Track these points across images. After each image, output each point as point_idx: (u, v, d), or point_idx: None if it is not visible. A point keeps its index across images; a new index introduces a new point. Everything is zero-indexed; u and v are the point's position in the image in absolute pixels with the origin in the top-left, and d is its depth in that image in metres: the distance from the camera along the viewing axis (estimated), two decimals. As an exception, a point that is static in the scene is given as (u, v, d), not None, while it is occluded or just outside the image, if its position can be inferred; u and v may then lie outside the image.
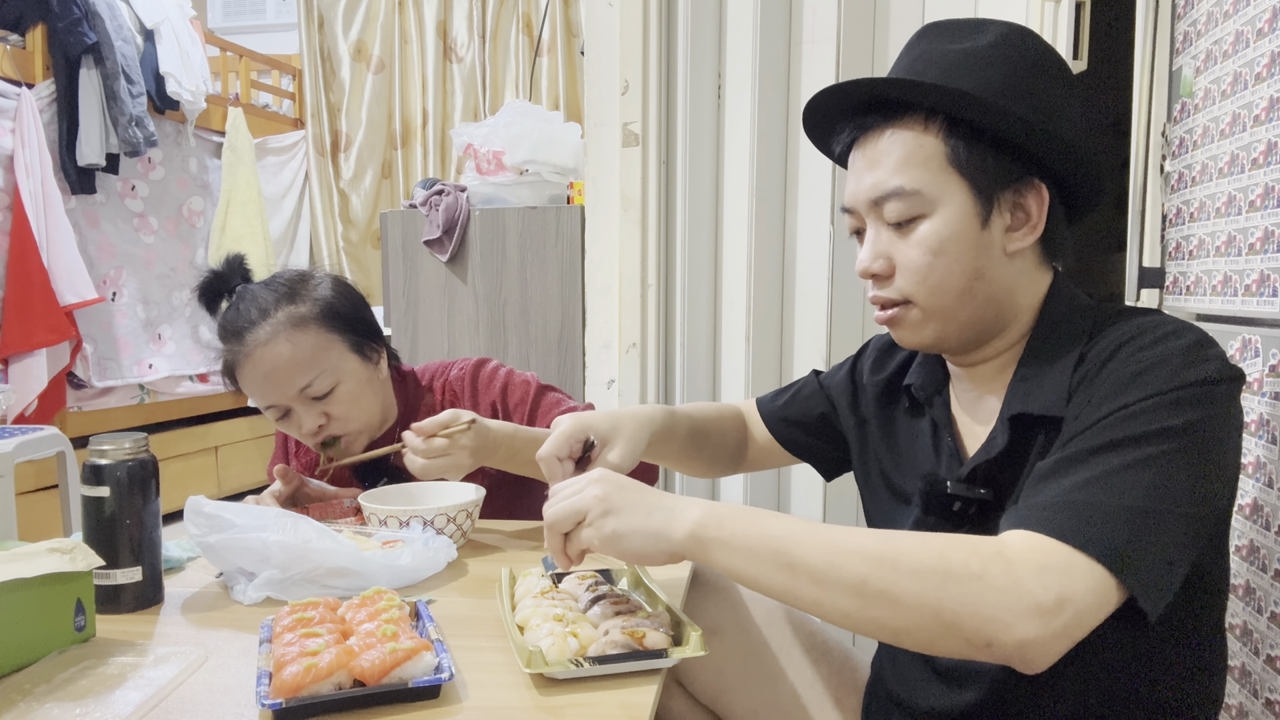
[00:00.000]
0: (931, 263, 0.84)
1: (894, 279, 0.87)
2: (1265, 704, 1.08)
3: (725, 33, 2.02)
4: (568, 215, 2.47)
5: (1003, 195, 0.84)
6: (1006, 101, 0.81)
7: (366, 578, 0.98)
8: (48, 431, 2.45)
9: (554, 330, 2.50)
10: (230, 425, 3.94)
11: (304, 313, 1.25)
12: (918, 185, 0.84)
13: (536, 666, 0.76)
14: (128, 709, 0.73)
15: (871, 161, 0.87)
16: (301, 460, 1.45)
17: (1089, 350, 0.82)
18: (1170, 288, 1.47)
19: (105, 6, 3.20)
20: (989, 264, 0.85)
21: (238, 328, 1.25)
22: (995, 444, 0.85)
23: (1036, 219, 0.85)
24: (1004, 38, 0.85)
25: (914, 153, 0.84)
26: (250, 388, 1.26)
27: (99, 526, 0.95)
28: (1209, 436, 0.74)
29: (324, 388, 1.24)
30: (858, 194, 0.88)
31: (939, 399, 0.96)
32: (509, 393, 1.38)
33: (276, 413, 1.27)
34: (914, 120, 0.84)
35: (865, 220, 0.89)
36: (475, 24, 4.23)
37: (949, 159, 0.83)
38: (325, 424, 1.27)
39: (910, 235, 0.85)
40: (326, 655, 0.74)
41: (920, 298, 0.86)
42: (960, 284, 0.84)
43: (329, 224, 4.43)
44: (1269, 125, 1.11)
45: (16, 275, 2.91)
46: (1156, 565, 0.70)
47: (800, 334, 2.03)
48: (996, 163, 0.83)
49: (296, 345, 1.23)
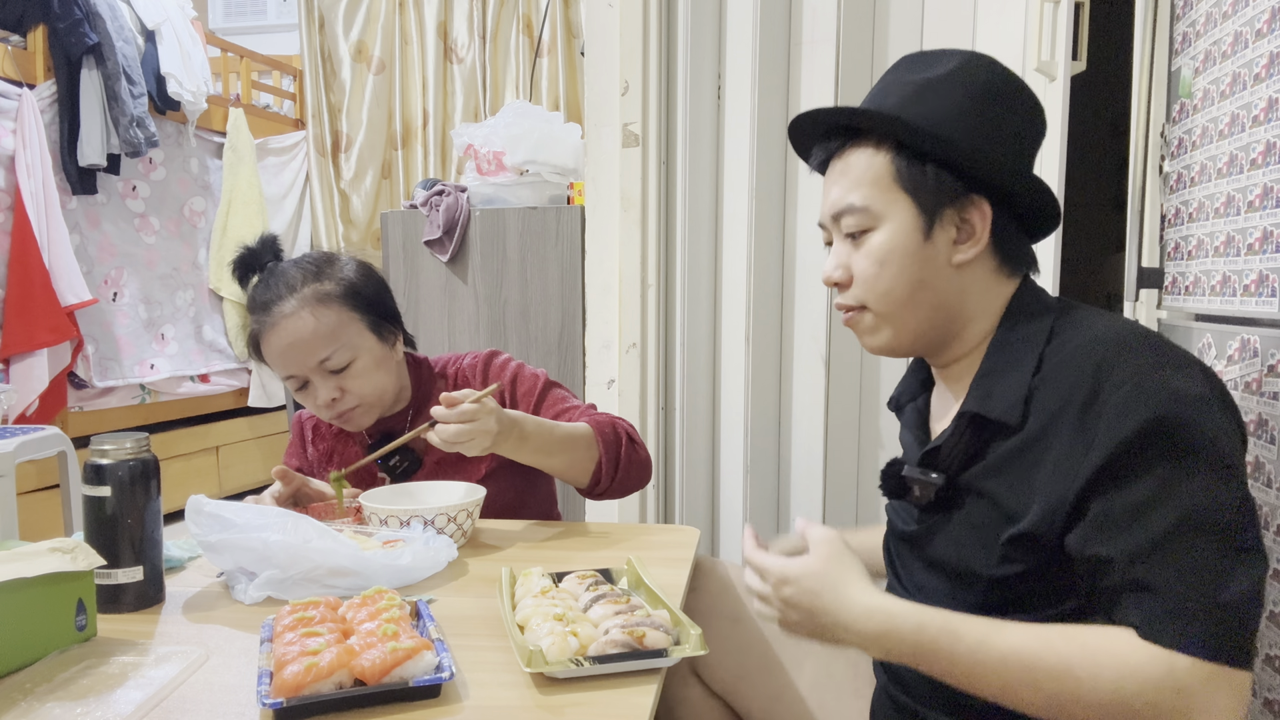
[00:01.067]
0: (878, 272, 0.92)
1: (852, 287, 0.95)
2: (1264, 704, 1.08)
3: (725, 33, 2.02)
4: (568, 215, 2.47)
5: (945, 211, 0.91)
6: (948, 128, 0.89)
7: (367, 577, 0.99)
8: (49, 431, 2.45)
9: (554, 330, 2.51)
10: (231, 425, 3.95)
11: (328, 290, 1.32)
12: (867, 201, 0.92)
13: (537, 666, 0.76)
14: (129, 708, 0.73)
15: (834, 179, 0.97)
16: (319, 448, 1.47)
17: (1054, 343, 0.88)
18: (1169, 288, 1.47)
19: (106, 7, 3.20)
20: (933, 274, 0.92)
21: (266, 300, 1.32)
22: (944, 434, 0.93)
23: (980, 233, 0.92)
24: (960, 68, 0.93)
25: (865, 171, 0.93)
26: (272, 357, 1.32)
27: (100, 526, 0.95)
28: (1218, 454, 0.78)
29: (341, 362, 1.30)
30: (824, 209, 0.98)
31: (912, 406, 1.05)
32: (518, 383, 1.43)
33: (295, 383, 1.33)
34: (868, 143, 0.94)
35: (833, 234, 0.98)
36: (475, 24, 4.23)
37: (895, 178, 0.92)
38: (340, 397, 1.32)
39: (862, 247, 0.94)
40: (327, 654, 0.74)
41: (871, 303, 0.94)
42: (905, 292, 0.92)
43: (330, 224, 4.43)
44: (1268, 126, 1.12)
45: (18, 275, 2.91)
46: (1257, 633, 0.77)
47: (800, 334, 2.03)
48: (938, 181, 0.90)
49: (319, 320, 1.30)
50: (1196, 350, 1.31)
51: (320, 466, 1.46)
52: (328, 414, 1.34)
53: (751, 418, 2.02)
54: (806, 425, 2.04)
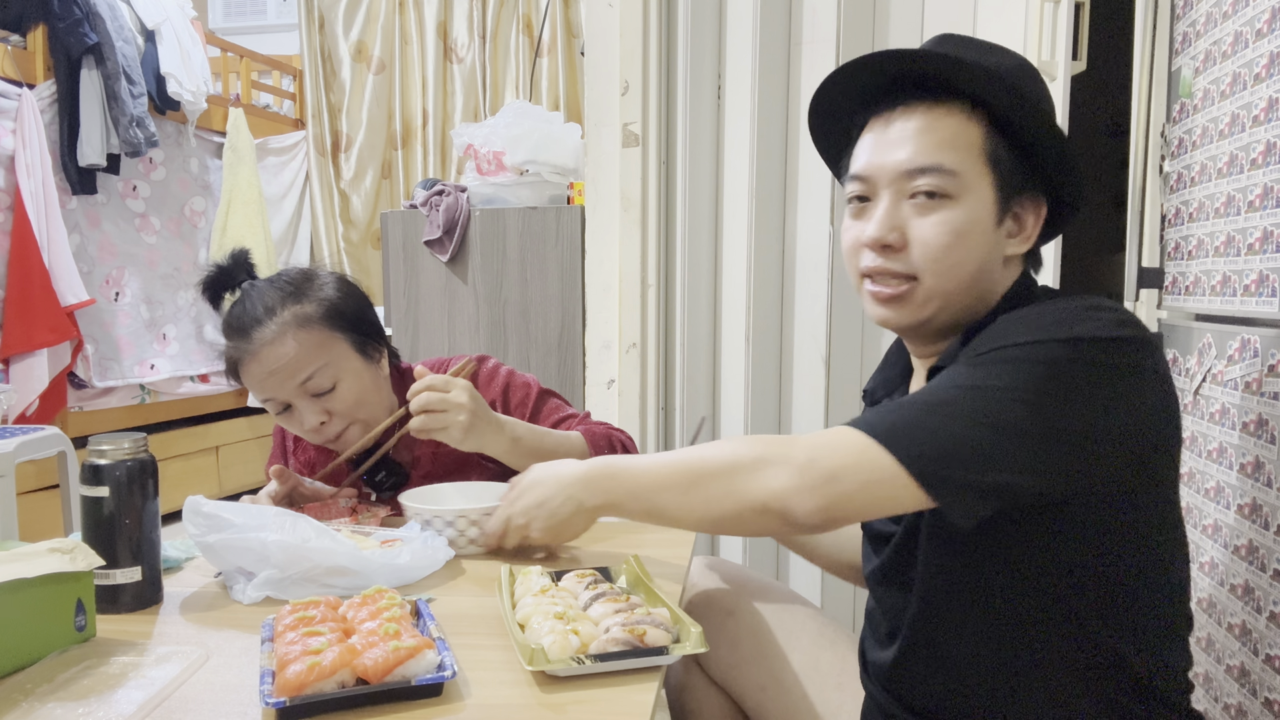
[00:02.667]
0: (951, 244, 0.87)
1: (905, 253, 0.89)
2: (1265, 704, 1.08)
3: (725, 33, 2.02)
4: (568, 215, 2.47)
5: (1015, 201, 0.89)
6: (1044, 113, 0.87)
7: (365, 576, 0.99)
8: (48, 431, 2.45)
9: (554, 330, 2.51)
10: (230, 425, 3.95)
11: (309, 312, 1.27)
12: (957, 167, 0.86)
13: (538, 664, 0.76)
14: (131, 708, 0.73)
15: (907, 135, 0.88)
16: (299, 459, 1.45)
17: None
18: (1169, 288, 1.47)
19: (106, 7, 3.20)
20: (992, 261, 0.89)
21: (243, 325, 1.26)
22: None
23: (1030, 231, 0.91)
24: (1026, 64, 0.92)
25: (958, 136, 0.87)
26: (253, 383, 1.27)
27: (98, 526, 0.95)
28: (1071, 382, 0.77)
29: (325, 384, 1.26)
30: (884, 164, 0.89)
31: (888, 400, 1.02)
32: (510, 392, 1.40)
33: (277, 406, 1.28)
34: (960, 108, 0.88)
35: (880, 191, 0.90)
36: (475, 24, 4.23)
37: (986, 153, 0.87)
38: (327, 421, 1.28)
39: (932, 214, 0.87)
40: (329, 653, 0.74)
41: (929, 276, 0.88)
42: (969, 272, 0.88)
43: (329, 224, 4.43)
44: (1268, 125, 1.12)
45: (17, 275, 2.91)
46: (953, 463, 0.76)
47: (800, 334, 2.03)
48: (1019, 169, 0.88)
49: (301, 343, 1.24)
50: (1196, 350, 1.31)
51: (302, 472, 1.42)
52: (316, 438, 1.30)
53: (751, 418, 2.02)
54: (806, 425, 2.04)
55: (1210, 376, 1.26)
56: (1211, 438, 1.25)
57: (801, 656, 1.09)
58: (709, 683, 1.15)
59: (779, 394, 2.07)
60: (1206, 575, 1.25)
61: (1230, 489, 1.18)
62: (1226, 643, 1.19)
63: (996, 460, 0.76)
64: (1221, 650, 1.20)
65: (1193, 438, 1.31)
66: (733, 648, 1.11)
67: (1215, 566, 1.23)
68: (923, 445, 0.77)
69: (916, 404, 0.80)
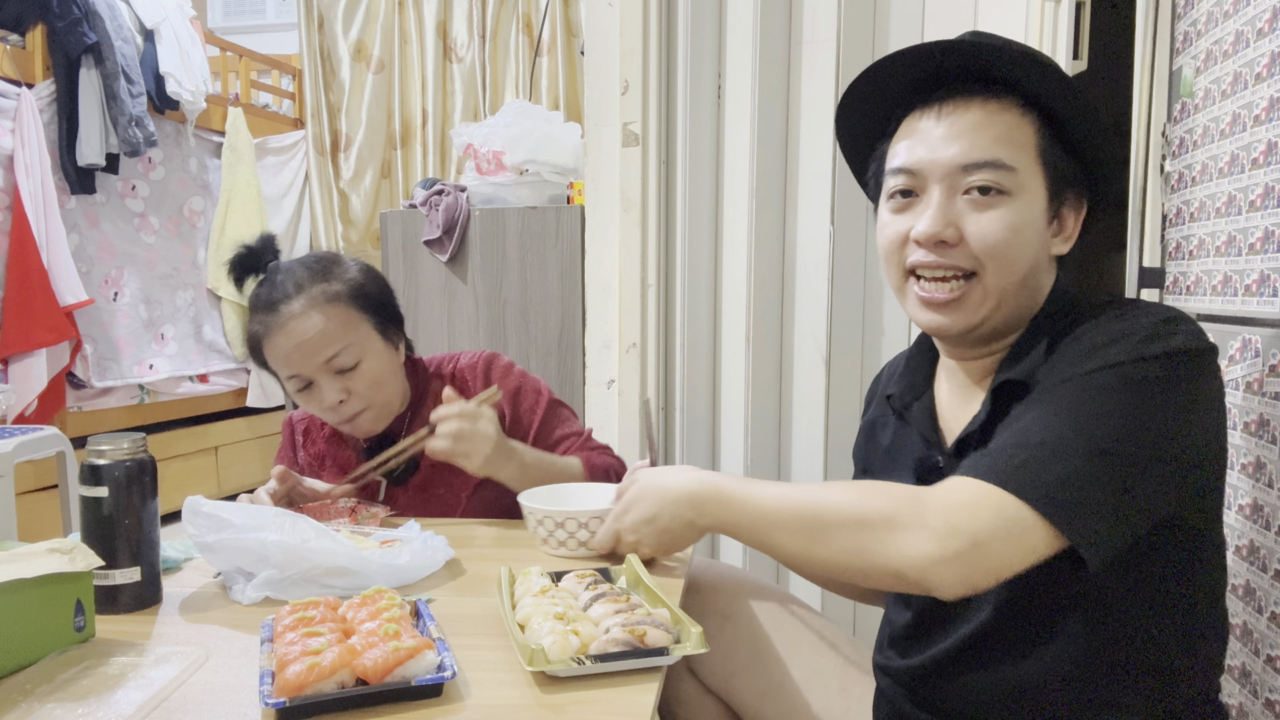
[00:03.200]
0: (1010, 239, 0.86)
1: (962, 247, 0.87)
2: (1265, 704, 1.08)
3: (725, 33, 2.02)
4: (568, 215, 2.47)
5: (1062, 200, 0.89)
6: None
7: (365, 577, 0.98)
8: (47, 431, 2.45)
9: (554, 330, 2.50)
10: (230, 425, 3.94)
11: (336, 290, 1.30)
12: (1016, 163, 0.86)
13: (539, 664, 0.76)
14: (130, 708, 0.73)
15: (960, 130, 0.87)
16: (310, 452, 1.45)
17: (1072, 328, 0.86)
18: (1170, 288, 1.47)
19: (105, 6, 3.20)
20: (1041, 260, 0.89)
21: (272, 300, 1.29)
22: (979, 418, 0.89)
23: (1071, 230, 0.90)
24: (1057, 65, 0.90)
25: (1014, 133, 0.86)
26: (277, 358, 1.29)
27: (97, 526, 0.95)
28: (1169, 401, 0.77)
29: (349, 362, 1.28)
30: (936, 159, 0.87)
31: (918, 404, 1.00)
32: (521, 396, 1.41)
33: (299, 383, 1.30)
34: (1013, 103, 0.87)
35: (930, 186, 0.88)
36: (475, 24, 4.22)
37: (1040, 151, 0.87)
38: (346, 399, 1.29)
39: (990, 210, 0.86)
40: (329, 654, 0.74)
41: (989, 271, 0.87)
42: (1024, 269, 0.87)
43: (329, 224, 4.43)
44: (1269, 125, 1.12)
45: (16, 275, 2.91)
46: (1087, 510, 0.74)
47: (800, 334, 2.03)
48: (1074, 169, 0.88)
49: (328, 319, 1.27)
50: (1197, 350, 1.31)
51: (311, 470, 1.43)
52: (334, 417, 1.31)
53: (751, 418, 2.02)
54: (806, 425, 2.04)
55: (1211, 376, 1.26)
56: (1212, 438, 1.24)
57: (803, 661, 1.07)
58: (704, 691, 1.12)
59: (779, 394, 2.07)
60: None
61: (1231, 489, 1.18)
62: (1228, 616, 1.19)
63: (1128, 496, 0.75)
64: (1222, 650, 1.20)
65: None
66: (730, 654, 1.09)
67: (1216, 567, 1.22)
68: (1059, 493, 0.74)
69: (1035, 445, 0.77)
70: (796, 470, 2.06)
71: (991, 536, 0.74)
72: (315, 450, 1.44)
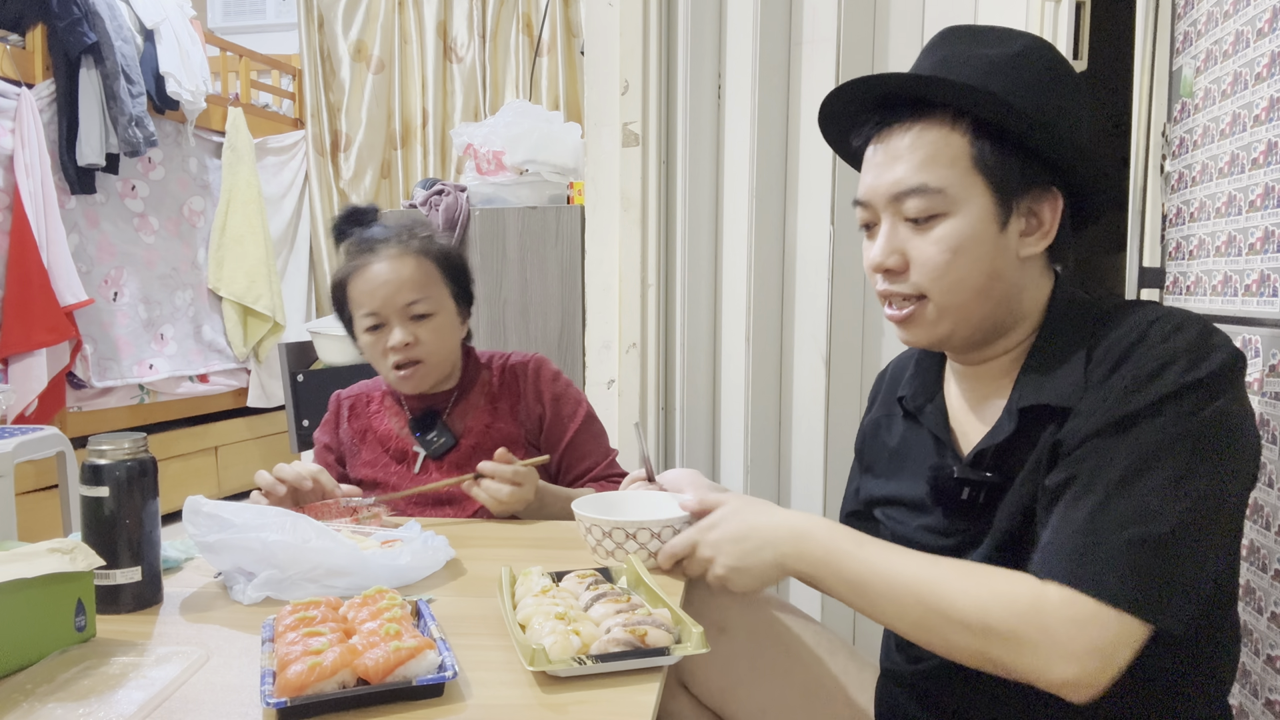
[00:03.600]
0: (951, 260, 0.86)
1: (908, 274, 0.89)
2: (1265, 704, 1.08)
3: (725, 33, 2.02)
4: (568, 215, 2.47)
5: (1021, 200, 0.87)
6: (1035, 110, 0.84)
7: (366, 577, 0.98)
8: (47, 431, 2.45)
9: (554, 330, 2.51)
10: (230, 425, 3.94)
11: (430, 249, 1.44)
12: (942, 184, 0.85)
13: (539, 664, 0.76)
14: (131, 708, 0.73)
15: (894, 156, 0.88)
16: (354, 425, 1.51)
17: (1096, 344, 0.84)
18: (1170, 288, 1.47)
19: (105, 6, 3.20)
20: (1004, 266, 0.87)
21: (371, 242, 1.42)
22: (1001, 430, 0.88)
23: (1049, 226, 0.88)
24: (1030, 48, 0.88)
25: (940, 151, 0.86)
26: (362, 292, 1.39)
27: (98, 526, 0.95)
28: (1222, 429, 0.77)
29: (425, 310, 1.39)
30: (876, 188, 0.89)
31: (931, 406, 0.98)
32: (562, 403, 1.49)
33: (373, 321, 1.39)
34: (941, 119, 0.86)
35: (880, 215, 0.90)
36: (475, 24, 4.23)
37: (974, 161, 0.85)
38: (412, 344, 1.38)
39: (929, 232, 0.87)
40: (330, 654, 0.74)
41: (936, 294, 0.88)
42: (977, 283, 0.87)
43: (329, 224, 4.43)
44: (1269, 125, 1.12)
45: (16, 275, 2.91)
46: (1177, 594, 0.75)
47: (800, 334, 2.03)
48: (1019, 168, 0.86)
49: (418, 268, 1.40)
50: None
51: (352, 442, 1.50)
52: (396, 357, 1.39)
53: (751, 418, 2.02)
54: (806, 425, 2.04)
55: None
56: (1212, 438, 1.24)
57: (803, 673, 1.05)
58: (698, 708, 1.08)
59: (779, 394, 2.07)
60: (1207, 575, 1.25)
61: (1231, 489, 1.18)
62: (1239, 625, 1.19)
63: (1207, 564, 0.77)
64: (1222, 650, 1.20)
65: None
66: (726, 669, 1.05)
67: (1216, 566, 1.22)
68: (1164, 599, 0.74)
69: (1115, 530, 0.76)
70: (796, 470, 2.06)
71: (1116, 650, 0.75)
72: (359, 424, 1.51)
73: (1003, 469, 0.87)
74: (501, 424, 1.45)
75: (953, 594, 0.80)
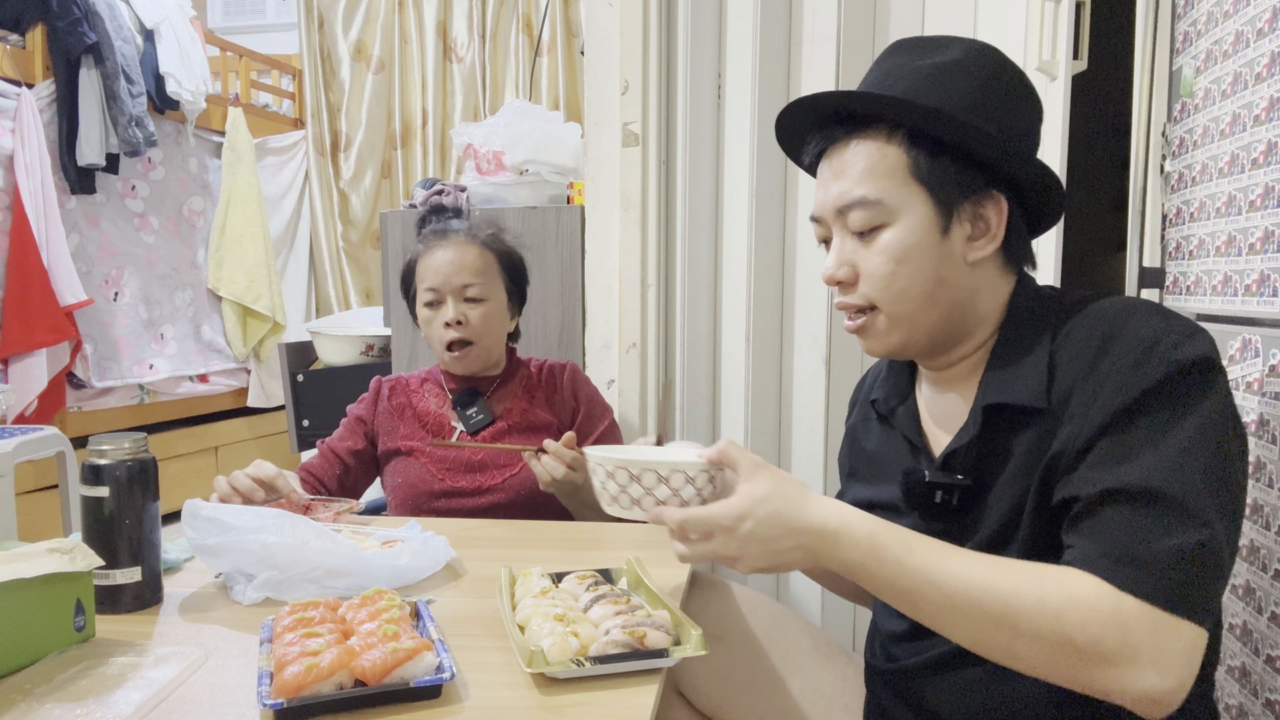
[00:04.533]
0: (894, 270, 0.88)
1: (858, 286, 0.91)
2: (1265, 704, 1.08)
3: (725, 33, 2.02)
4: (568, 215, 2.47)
5: (963, 206, 0.87)
6: (968, 115, 0.85)
7: (365, 577, 0.98)
8: (47, 431, 2.45)
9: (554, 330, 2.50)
10: (230, 425, 3.94)
11: (493, 244, 1.61)
12: (880, 195, 0.87)
13: (538, 666, 0.76)
14: (129, 709, 0.73)
15: (837, 172, 0.91)
16: (391, 403, 1.61)
17: (1059, 341, 0.85)
18: (1170, 288, 1.47)
19: (105, 6, 3.20)
20: (950, 272, 0.88)
21: (446, 229, 1.61)
22: (966, 431, 0.88)
23: (996, 229, 0.89)
24: (969, 54, 0.89)
25: (878, 164, 0.88)
26: (429, 269, 1.56)
27: (98, 526, 0.95)
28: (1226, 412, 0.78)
29: (478, 294, 1.55)
30: (824, 203, 0.93)
31: (903, 409, 0.99)
32: (594, 405, 1.64)
33: (432, 296, 1.55)
34: (878, 132, 0.88)
35: (831, 228, 0.93)
36: (475, 24, 4.22)
37: (911, 170, 0.87)
38: (465, 321, 1.53)
39: (873, 243, 0.89)
40: (328, 655, 0.74)
41: (884, 304, 0.90)
42: (923, 291, 0.88)
43: (329, 224, 4.43)
44: (1269, 125, 1.12)
45: (16, 275, 2.91)
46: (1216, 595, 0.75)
47: (800, 334, 2.03)
48: (957, 174, 0.87)
49: (480, 256, 1.57)
50: (1197, 350, 1.31)
51: (388, 418, 1.60)
52: (448, 334, 1.53)
53: (751, 418, 2.02)
54: (806, 425, 2.04)
55: (1211, 377, 1.26)
56: (1212, 438, 1.24)
57: (802, 680, 1.05)
58: (694, 715, 1.08)
59: (779, 394, 2.07)
60: (1207, 576, 1.25)
61: (1231, 489, 1.18)
62: (1228, 643, 1.19)
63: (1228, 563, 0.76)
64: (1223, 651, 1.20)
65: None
66: (724, 678, 1.04)
67: (1216, 567, 1.22)
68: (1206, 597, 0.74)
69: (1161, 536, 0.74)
70: (796, 471, 2.06)
71: (1195, 659, 0.73)
72: (398, 402, 1.62)
73: (974, 470, 0.88)
74: (539, 410, 1.59)
75: (1022, 603, 0.74)
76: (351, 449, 1.58)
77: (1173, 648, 0.72)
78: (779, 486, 0.83)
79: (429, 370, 1.67)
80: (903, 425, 0.98)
